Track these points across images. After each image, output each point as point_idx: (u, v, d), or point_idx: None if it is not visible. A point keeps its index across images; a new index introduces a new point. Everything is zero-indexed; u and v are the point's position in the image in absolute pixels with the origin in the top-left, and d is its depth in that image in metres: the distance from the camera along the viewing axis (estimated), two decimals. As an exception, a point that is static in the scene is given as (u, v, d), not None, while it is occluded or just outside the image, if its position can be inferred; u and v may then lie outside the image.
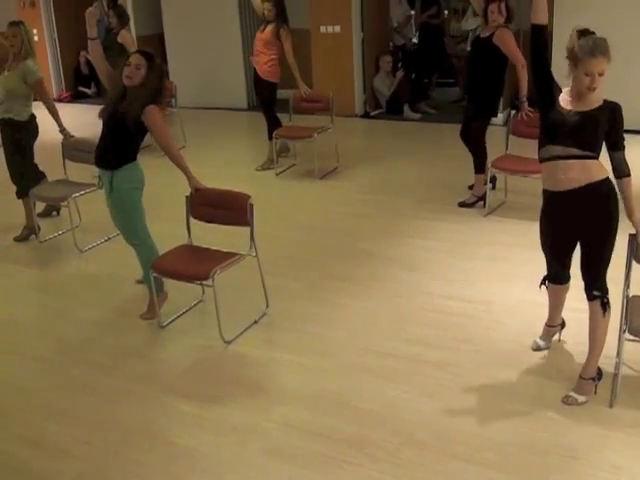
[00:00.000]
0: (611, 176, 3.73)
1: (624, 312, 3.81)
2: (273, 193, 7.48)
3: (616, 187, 3.73)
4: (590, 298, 3.83)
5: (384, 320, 4.86)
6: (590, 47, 3.56)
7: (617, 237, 3.75)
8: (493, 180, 6.83)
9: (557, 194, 3.79)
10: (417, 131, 9.75)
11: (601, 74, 3.58)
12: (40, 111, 6.39)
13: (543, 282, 4.22)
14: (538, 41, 3.81)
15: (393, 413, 3.89)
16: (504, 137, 6.68)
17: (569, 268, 4.08)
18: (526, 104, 6.37)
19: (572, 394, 3.88)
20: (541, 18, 3.76)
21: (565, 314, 4.35)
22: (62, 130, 6.41)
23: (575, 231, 3.85)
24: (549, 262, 4.12)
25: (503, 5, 6.28)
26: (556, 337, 4.41)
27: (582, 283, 3.85)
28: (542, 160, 3.82)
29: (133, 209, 4.83)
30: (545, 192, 3.90)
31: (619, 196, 3.73)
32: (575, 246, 3.94)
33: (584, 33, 3.63)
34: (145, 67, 4.57)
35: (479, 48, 6.50)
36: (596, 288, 3.81)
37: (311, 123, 8.04)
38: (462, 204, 6.76)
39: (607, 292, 3.82)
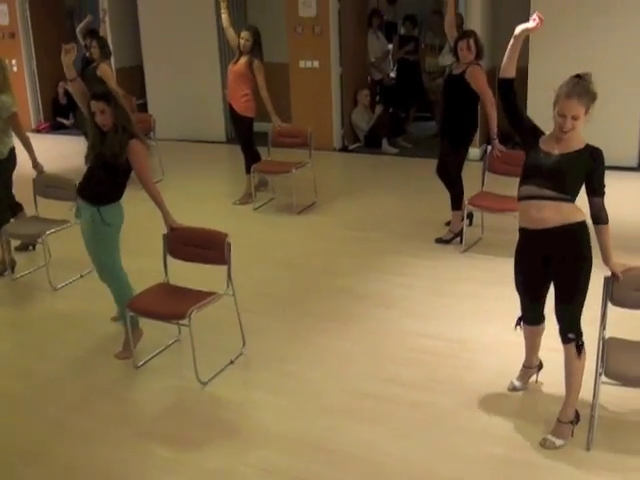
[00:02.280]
0: (588, 219, 3.76)
1: (600, 354, 3.83)
2: (251, 228, 7.47)
3: (589, 230, 3.76)
4: (565, 341, 3.85)
5: (360, 359, 4.85)
6: (567, 88, 3.61)
7: (593, 277, 3.77)
8: (470, 216, 6.87)
9: (531, 232, 3.83)
10: (395, 165, 9.80)
11: (575, 117, 3.60)
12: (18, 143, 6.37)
13: (518, 323, 4.23)
14: (507, 92, 3.89)
15: (371, 457, 3.87)
16: (480, 173, 6.73)
17: (543, 309, 4.10)
18: (497, 142, 6.43)
19: (550, 437, 3.88)
20: (511, 72, 3.85)
21: (542, 354, 4.36)
22: (35, 165, 6.37)
23: (548, 271, 3.88)
24: (523, 302, 4.14)
25: (472, 41, 6.36)
26: (533, 378, 4.41)
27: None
28: (519, 198, 3.87)
29: (110, 246, 4.83)
30: (520, 230, 3.94)
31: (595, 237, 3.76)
32: (549, 286, 3.96)
33: (576, 76, 3.67)
34: (108, 109, 4.58)
35: (452, 84, 6.56)
36: (570, 331, 3.83)
37: (289, 157, 8.06)
38: (439, 240, 6.78)
39: (581, 335, 3.84)
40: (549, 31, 7.00)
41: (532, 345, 4.29)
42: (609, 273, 3.82)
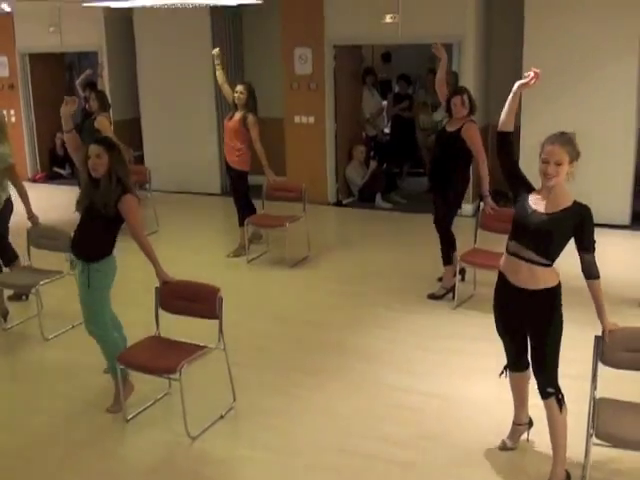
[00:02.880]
0: (566, 278, 3.81)
1: (591, 415, 3.82)
2: (244, 281, 7.49)
3: (561, 292, 3.84)
4: (544, 396, 3.88)
5: (346, 415, 4.82)
6: (552, 136, 3.72)
7: (586, 334, 3.80)
8: (462, 272, 6.90)
9: (508, 283, 3.91)
10: (388, 220, 9.87)
11: (558, 163, 3.67)
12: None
13: (504, 371, 4.24)
14: (505, 145, 3.98)
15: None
16: (473, 228, 6.79)
17: (526, 354, 4.09)
18: (489, 199, 6.49)
19: (540, 498, 3.85)
20: (509, 127, 3.95)
21: (532, 412, 4.34)
22: (30, 217, 6.41)
23: (522, 324, 3.96)
24: (505, 345, 4.16)
25: (466, 97, 6.46)
26: (524, 436, 4.39)
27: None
28: (506, 250, 3.95)
29: (100, 300, 4.83)
30: (500, 274, 4.00)
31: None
32: (526, 332, 4.00)
33: (560, 132, 3.78)
34: (106, 156, 4.61)
35: (445, 141, 6.61)
36: (549, 385, 3.87)
37: (284, 210, 8.12)
38: (431, 296, 6.80)
39: (560, 389, 3.87)
40: (540, 92, 7.18)
41: (519, 397, 4.28)
42: (600, 332, 3.84)
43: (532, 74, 3.81)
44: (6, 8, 10.70)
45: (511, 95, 3.90)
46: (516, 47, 8.94)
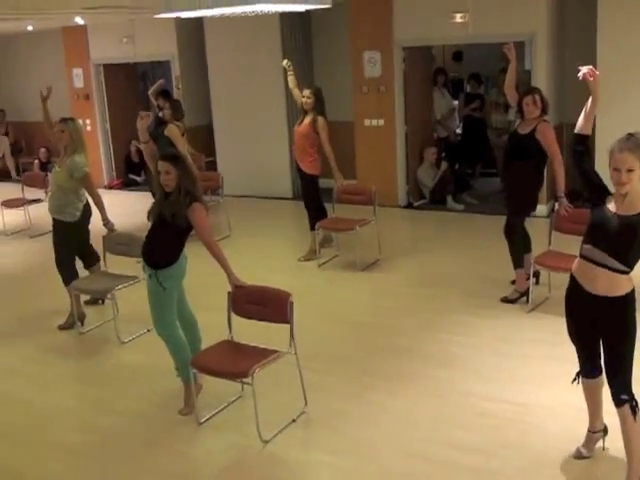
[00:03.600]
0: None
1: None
2: (315, 285, 7.52)
3: (635, 299, 3.75)
4: (618, 404, 3.79)
5: (420, 421, 4.79)
6: (619, 144, 3.63)
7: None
8: (537, 275, 6.77)
9: (582, 289, 3.83)
10: (460, 222, 9.77)
11: (630, 170, 3.58)
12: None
13: (576, 377, 4.16)
14: (581, 147, 3.91)
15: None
16: (547, 230, 6.65)
17: (598, 360, 4.00)
18: (565, 200, 6.33)
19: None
20: (588, 130, 3.91)
21: (608, 419, 4.21)
22: (106, 223, 6.58)
23: (595, 329, 3.87)
24: (577, 351, 4.08)
25: (538, 97, 6.32)
26: (600, 444, 4.28)
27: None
28: (580, 255, 3.87)
29: (165, 305, 4.95)
30: (572, 276, 3.92)
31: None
32: (600, 337, 3.90)
33: (628, 134, 3.68)
34: (174, 170, 4.74)
35: (519, 144, 6.46)
36: (623, 392, 3.77)
37: (354, 213, 8.11)
38: (505, 300, 6.69)
39: (634, 396, 3.78)
40: (613, 89, 6.96)
41: (593, 403, 4.17)
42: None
43: (584, 71, 3.78)
44: (80, 21, 11.01)
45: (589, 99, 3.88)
46: (590, 44, 8.72)
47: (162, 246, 4.92)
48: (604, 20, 8.59)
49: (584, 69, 3.81)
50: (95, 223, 6.75)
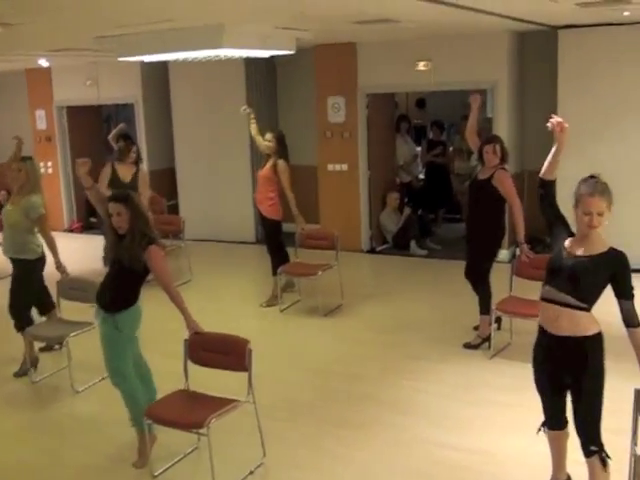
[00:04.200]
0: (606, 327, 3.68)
1: (632, 473, 3.66)
2: (276, 331, 7.43)
3: (604, 341, 3.73)
4: (587, 454, 3.74)
5: (380, 473, 4.68)
6: (588, 188, 3.66)
7: (624, 387, 3.66)
8: (498, 320, 6.76)
9: (548, 334, 3.81)
10: (423, 267, 9.76)
11: (600, 214, 3.63)
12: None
13: (541, 427, 4.10)
14: (548, 193, 3.95)
15: None
16: (509, 275, 6.65)
17: (564, 411, 3.97)
18: (525, 246, 6.36)
19: None
20: (551, 175, 3.93)
21: (571, 468, 4.15)
22: (59, 267, 6.43)
23: (563, 376, 3.82)
24: (543, 401, 4.03)
25: (498, 147, 6.43)
26: (564, 494, 4.22)
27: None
28: (541, 298, 3.86)
29: (121, 351, 4.82)
30: (540, 327, 3.91)
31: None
32: (567, 389, 3.87)
33: (588, 178, 3.73)
34: (125, 212, 4.63)
35: (478, 190, 6.54)
36: (591, 443, 3.72)
37: (317, 257, 8.06)
38: (467, 345, 6.66)
39: (603, 446, 3.73)
40: (575, 135, 7.06)
41: (558, 454, 4.11)
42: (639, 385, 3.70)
43: (553, 122, 3.81)
44: (44, 63, 10.95)
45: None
46: (550, 92, 8.87)
47: (118, 290, 4.78)
48: (564, 69, 8.75)
49: (554, 120, 3.82)
50: (48, 269, 6.61)
